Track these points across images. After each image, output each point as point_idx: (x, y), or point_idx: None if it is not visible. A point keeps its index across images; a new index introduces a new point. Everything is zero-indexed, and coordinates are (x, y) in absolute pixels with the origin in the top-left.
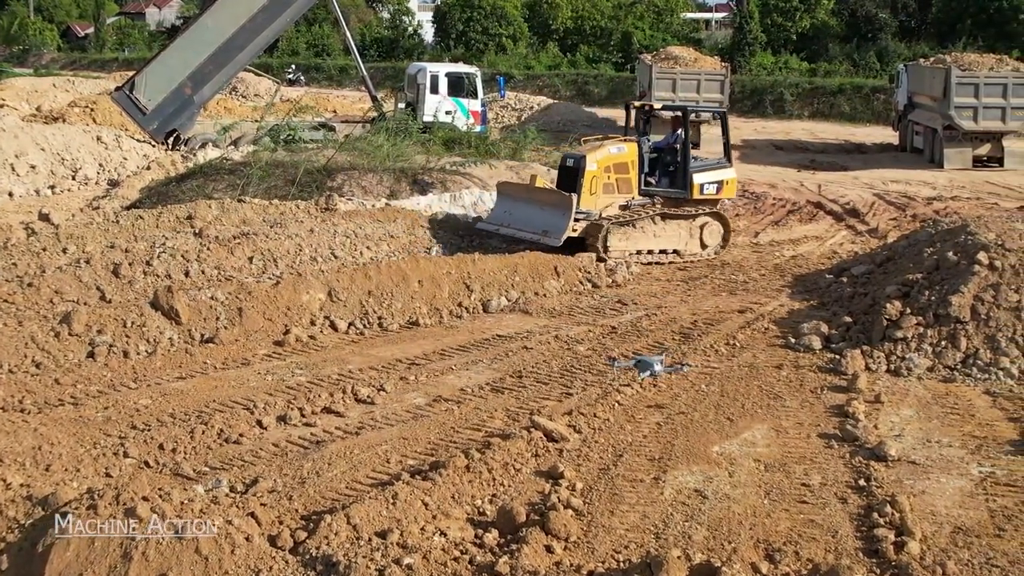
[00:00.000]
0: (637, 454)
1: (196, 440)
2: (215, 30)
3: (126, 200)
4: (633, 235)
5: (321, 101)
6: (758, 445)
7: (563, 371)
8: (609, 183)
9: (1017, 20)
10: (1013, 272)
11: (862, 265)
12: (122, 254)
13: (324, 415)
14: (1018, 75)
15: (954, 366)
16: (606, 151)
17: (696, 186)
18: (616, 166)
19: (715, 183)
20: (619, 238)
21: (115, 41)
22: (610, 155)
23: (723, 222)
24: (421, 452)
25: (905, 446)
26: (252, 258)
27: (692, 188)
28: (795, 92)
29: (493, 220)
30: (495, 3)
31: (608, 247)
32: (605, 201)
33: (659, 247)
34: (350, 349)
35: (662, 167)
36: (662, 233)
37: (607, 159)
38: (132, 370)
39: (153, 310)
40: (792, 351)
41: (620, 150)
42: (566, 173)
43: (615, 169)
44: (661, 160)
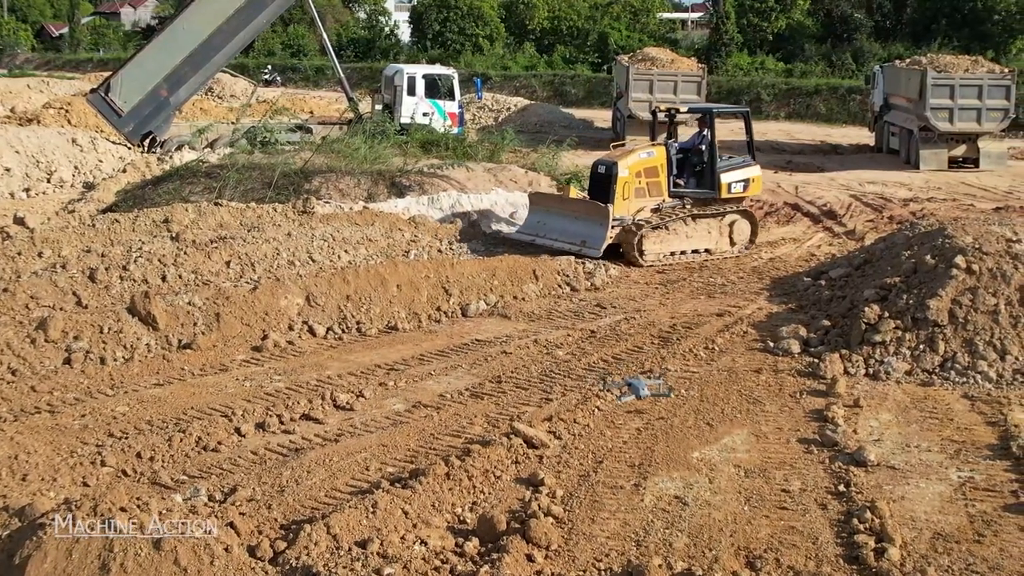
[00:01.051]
0: (617, 460)
1: (174, 448)
2: (191, 32)
3: (102, 203)
4: (667, 237)
5: (297, 102)
6: (738, 451)
7: (542, 376)
8: (640, 187)
9: (991, 20)
10: (990, 276)
11: (840, 268)
12: (98, 259)
13: (303, 422)
14: (993, 76)
15: (932, 370)
16: (637, 156)
17: (724, 185)
18: (647, 170)
19: (742, 181)
20: (653, 241)
21: (90, 41)
22: (640, 160)
23: (751, 219)
24: (401, 459)
25: (884, 451)
26: (229, 262)
27: (720, 188)
28: (771, 93)
29: (526, 230)
30: (472, 3)
31: (643, 251)
32: (637, 205)
33: (691, 247)
34: (329, 354)
35: (689, 168)
36: (694, 233)
37: (638, 164)
38: (109, 377)
39: (130, 316)
40: (771, 355)
41: (650, 155)
42: (598, 179)
43: (645, 173)
44: (688, 161)
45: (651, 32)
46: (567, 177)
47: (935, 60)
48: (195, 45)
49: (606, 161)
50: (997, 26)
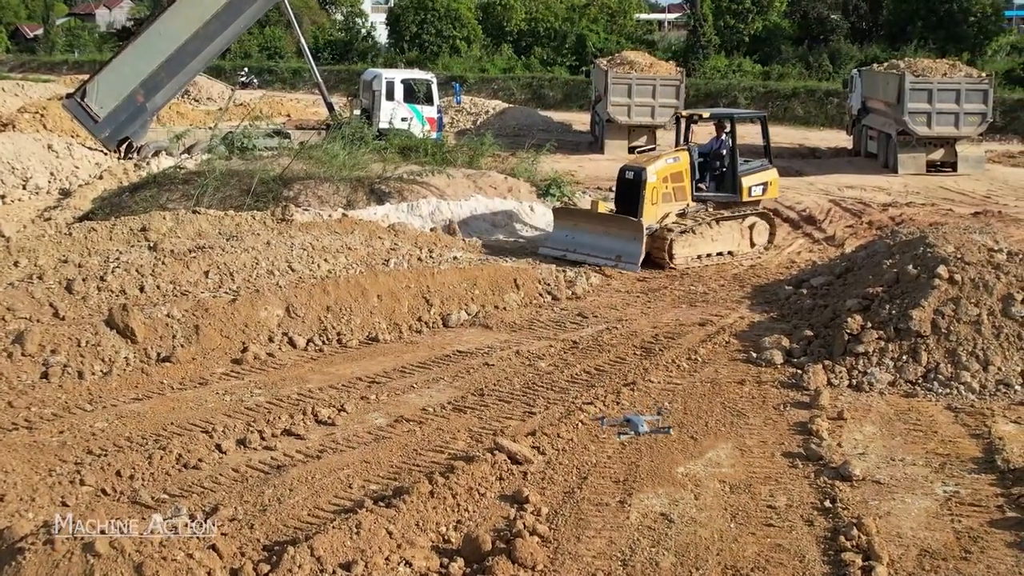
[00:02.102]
0: (602, 476)
1: (154, 466)
2: (168, 37)
3: (78, 211)
4: (694, 241)
5: (275, 105)
6: (723, 465)
7: (525, 388)
8: (667, 192)
9: (967, 22)
10: (973, 286)
11: (821, 276)
12: (75, 269)
13: (284, 438)
14: (971, 81)
15: (915, 381)
16: (663, 162)
17: (745, 189)
18: (672, 175)
19: (761, 184)
20: (682, 245)
21: (65, 43)
22: (667, 165)
23: (769, 221)
24: (384, 476)
25: (869, 465)
26: (208, 272)
27: (742, 191)
28: (749, 96)
29: (555, 244)
30: (449, 5)
31: (673, 255)
32: (664, 210)
33: (716, 250)
34: (309, 367)
35: (709, 172)
36: (718, 236)
37: (665, 169)
38: (87, 391)
39: (108, 329)
40: (754, 366)
41: (676, 160)
42: (626, 185)
43: (672, 179)
44: (708, 165)
45: (628, 34)
46: (546, 183)
47: (913, 64)
48: (172, 50)
49: (634, 167)
50: (972, 28)
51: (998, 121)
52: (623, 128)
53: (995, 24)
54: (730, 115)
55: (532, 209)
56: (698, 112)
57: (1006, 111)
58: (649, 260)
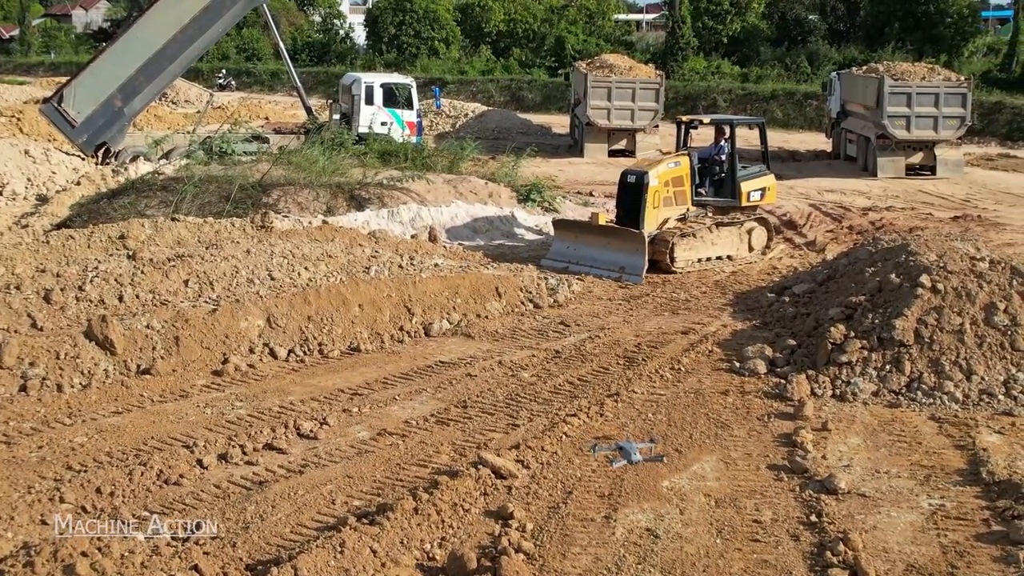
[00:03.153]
0: (587, 490)
1: (135, 482)
2: (145, 41)
3: (56, 217)
4: (695, 244)
5: (253, 108)
6: (708, 479)
7: (508, 400)
8: (668, 196)
9: (944, 24)
10: (956, 295)
11: (803, 284)
12: (53, 278)
13: (266, 452)
14: (950, 84)
15: (899, 390)
16: (665, 166)
17: (744, 194)
18: (674, 180)
19: (759, 190)
20: (683, 249)
21: (41, 44)
22: (669, 170)
23: (767, 226)
24: (367, 492)
25: (854, 477)
26: (188, 281)
27: (741, 196)
28: (728, 98)
29: (557, 256)
30: (427, 6)
31: (675, 258)
32: (665, 214)
33: (715, 254)
34: (291, 378)
35: (709, 177)
36: (718, 240)
37: (667, 173)
38: (66, 405)
39: (87, 340)
40: (737, 375)
41: (677, 164)
42: (628, 188)
43: (673, 183)
44: (708, 170)
45: (607, 35)
46: (527, 188)
47: (892, 68)
48: (150, 54)
49: (636, 171)
50: (949, 29)
51: (976, 124)
52: (603, 131)
53: (972, 25)
54: (730, 121)
55: (513, 214)
56: (698, 118)
57: (984, 113)
58: (651, 263)
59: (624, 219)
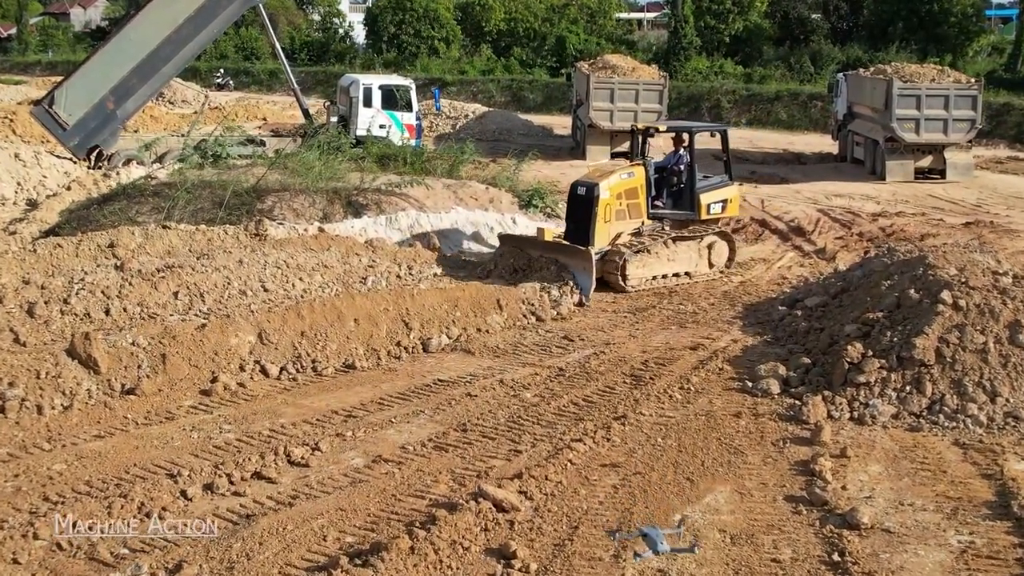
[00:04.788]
0: (594, 524)
1: (114, 516)
2: (138, 42)
3: (45, 223)
4: (649, 261)
5: (251, 108)
6: (722, 512)
7: (510, 423)
8: (621, 209)
9: (948, 23)
10: (978, 312)
11: (816, 296)
12: (38, 291)
13: (254, 482)
14: (960, 87)
15: (920, 413)
16: (618, 177)
17: (703, 206)
18: (627, 192)
19: (720, 202)
20: (636, 266)
21: (39, 43)
22: (622, 181)
23: (728, 241)
24: (360, 526)
25: (877, 511)
26: (177, 293)
27: (700, 208)
28: (732, 99)
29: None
30: (427, 5)
31: (627, 276)
32: (617, 228)
33: (672, 271)
34: (282, 398)
35: (667, 188)
36: (675, 256)
37: (619, 185)
38: (46, 428)
39: (69, 359)
40: (749, 395)
41: (630, 175)
42: (577, 202)
43: (626, 195)
44: (665, 181)
45: (608, 34)
46: (528, 193)
47: (900, 69)
48: (143, 55)
49: (586, 182)
50: (954, 28)
51: (985, 126)
52: (605, 133)
53: (976, 25)
54: (688, 128)
55: (514, 221)
56: (655, 125)
57: (992, 115)
58: (601, 281)
59: (573, 234)
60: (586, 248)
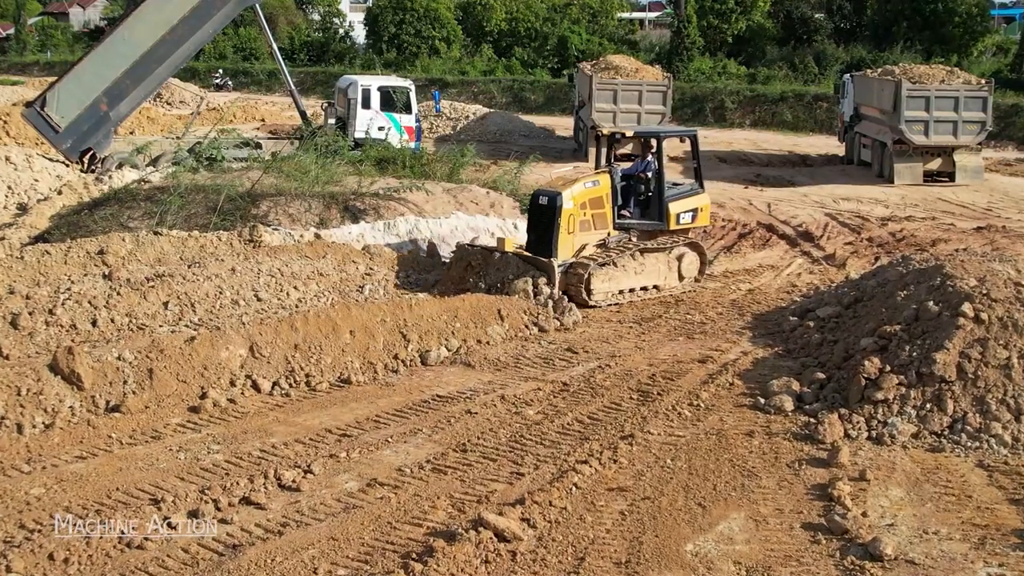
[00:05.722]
0: (600, 556)
1: (92, 547)
2: (132, 43)
3: (34, 229)
4: (615, 274)
5: (249, 109)
6: (736, 541)
7: (512, 443)
8: (585, 220)
9: (952, 23)
10: (1001, 325)
11: (828, 306)
12: (22, 301)
13: (242, 508)
14: (970, 88)
15: (941, 432)
16: (581, 186)
17: (673, 216)
18: (592, 201)
19: (691, 211)
20: (601, 280)
21: (37, 43)
22: (586, 190)
23: (699, 252)
24: (354, 557)
25: (901, 540)
26: (167, 303)
27: (669, 219)
28: (736, 100)
29: None
30: (428, 5)
31: (591, 290)
32: (581, 240)
33: (640, 284)
34: (274, 416)
35: (634, 197)
36: (642, 269)
37: (583, 195)
38: (26, 448)
39: (52, 374)
40: (762, 413)
41: (595, 184)
42: (539, 212)
43: (591, 204)
44: (632, 189)
45: (610, 34)
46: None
47: (908, 70)
48: (137, 56)
49: (548, 191)
50: (958, 28)
51: (993, 127)
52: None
53: (981, 25)
54: (656, 133)
55: (516, 227)
56: (621, 130)
57: (1000, 116)
58: (566, 295)
59: (535, 245)
60: (548, 260)
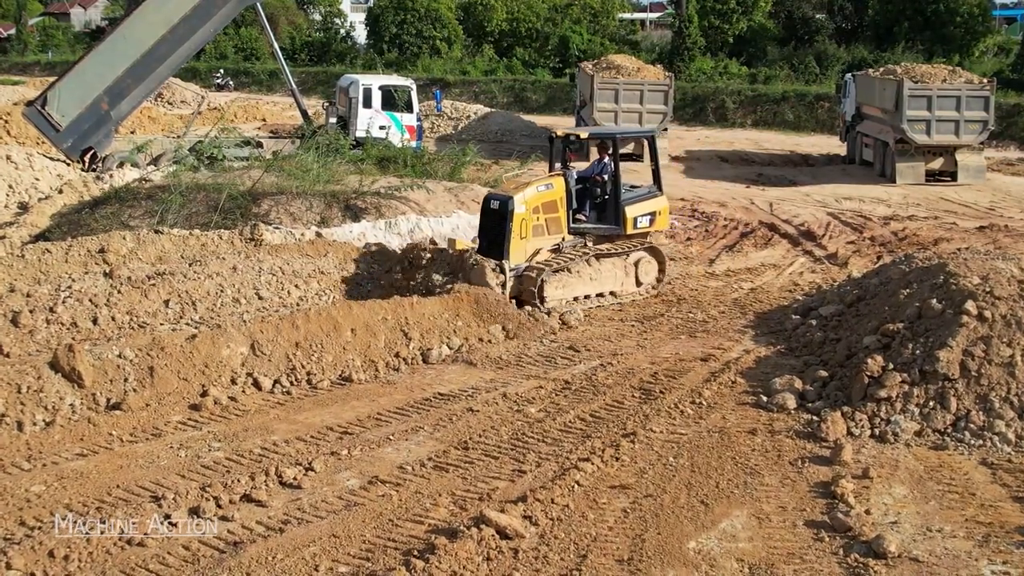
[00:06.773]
0: (603, 553)
1: (93, 545)
2: (133, 42)
3: (35, 228)
4: (569, 281)
5: (250, 108)
6: (739, 539)
7: (514, 441)
8: (538, 224)
9: (953, 23)
10: (1004, 323)
11: (831, 305)
12: (23, 299)
13: (243, 505)
14: (972, 87)
15: (944, 430)
16: (534, 190)
17: (630, 220)
18: (545, 205)
19: (648, 215)
20: (555, 286)
21: (38, 43)
22: (538, 194)
23: (658, 257)
24: (355, 555)
25: (904, 537)
26: (168, 301)
27: (626, 223)
28: (737, 100)
29: None
30: (429, 5)
31: (544, 297)
32: (535, 245)
33: (596, 290)
34: (275, 414)
35: (590, 200)
36: (598, 275)
37: (535, 198)
38: (26, 446)
39: (52, 372)
40: (764, 411)
41: (548, 187)
42: (490, 217)
43: (544, 209)
44: (588, 192)
45: (611, 34)
46: None
47: (911, 70)
48: (138, 55)
49: (499, 196)
50: (960, 28)
51: (995, 127)
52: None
53: (982, 25)
54: (612, 135)
55: None
56: (575, 131)
57: (1002, 116)
58: (517, 302)
59: (487, 251)
60: (500, 261)
